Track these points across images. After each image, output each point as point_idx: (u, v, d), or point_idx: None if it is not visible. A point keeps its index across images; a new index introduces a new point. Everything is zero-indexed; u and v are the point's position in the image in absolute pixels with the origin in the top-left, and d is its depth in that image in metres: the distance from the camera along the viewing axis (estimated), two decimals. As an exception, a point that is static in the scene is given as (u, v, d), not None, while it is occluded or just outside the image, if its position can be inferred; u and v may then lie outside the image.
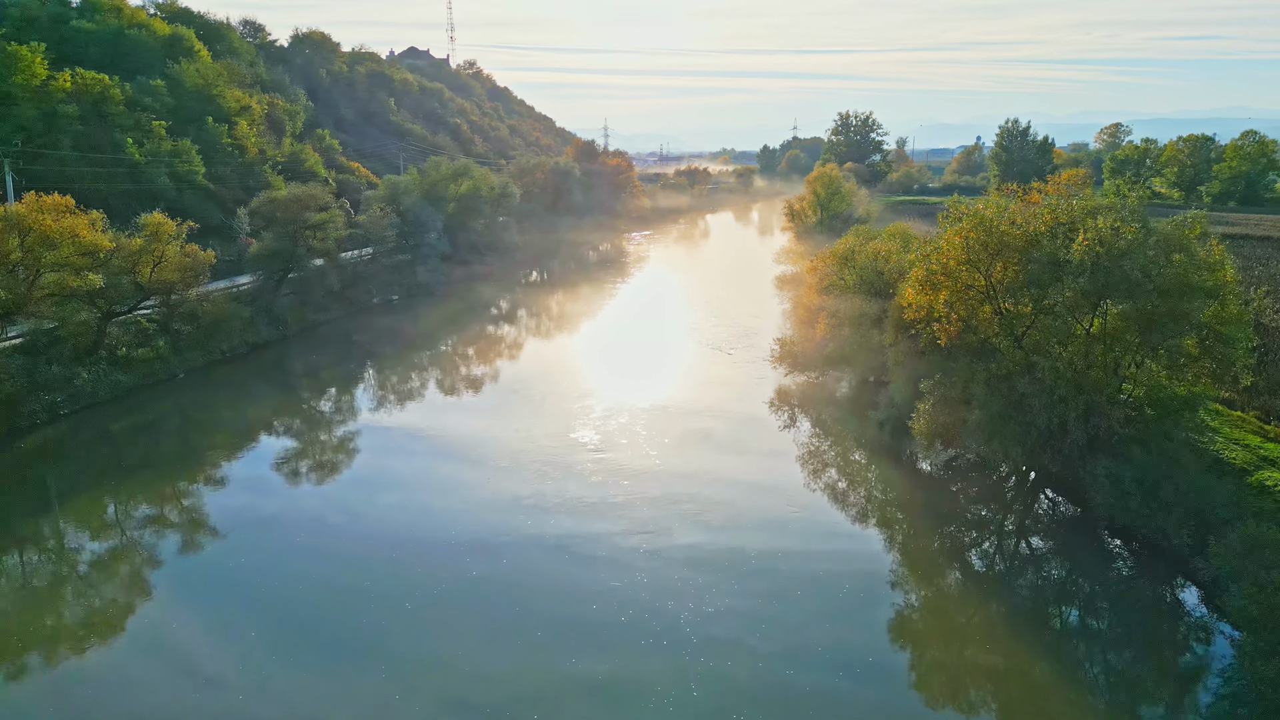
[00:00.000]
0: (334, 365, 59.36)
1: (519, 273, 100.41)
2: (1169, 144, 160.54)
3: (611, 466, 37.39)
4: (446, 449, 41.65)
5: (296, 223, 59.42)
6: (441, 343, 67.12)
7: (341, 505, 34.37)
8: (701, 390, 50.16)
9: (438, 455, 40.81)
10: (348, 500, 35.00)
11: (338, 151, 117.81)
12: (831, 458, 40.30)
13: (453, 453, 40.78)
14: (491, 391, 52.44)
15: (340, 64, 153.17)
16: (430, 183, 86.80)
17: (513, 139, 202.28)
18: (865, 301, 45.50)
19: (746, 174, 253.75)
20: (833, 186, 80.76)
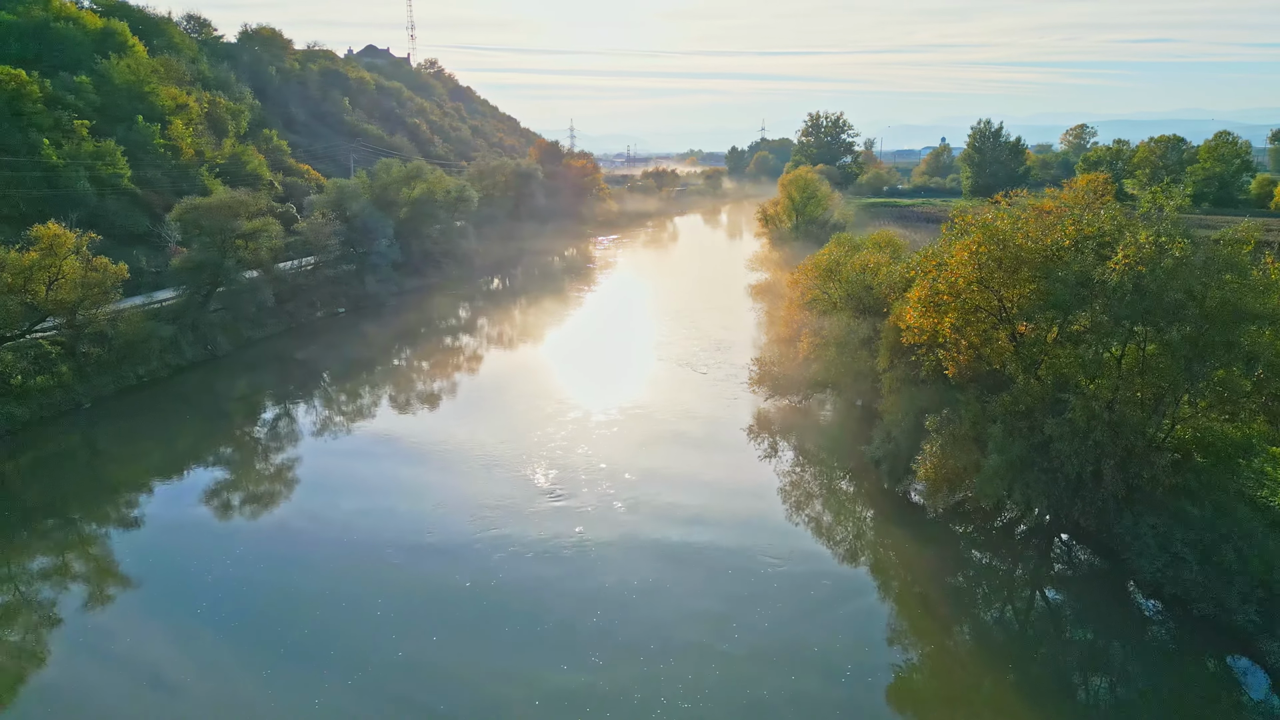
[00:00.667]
0: (269, 386, 53.89)
1: (477, 281, 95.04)
2: (1140, 145, 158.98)
3: (571, 517, 32.52)
4: (388, 493, 36.56)
5: (225, 231, 53.71)
6: (388, 361, 61.75)
7: (270, 547, 29.31)
8: (672, 417, 45.34)
9: (377, 498, 35.74)
10: (276, 541, 30.01)
11: (286, 153, 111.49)
12: (822, 508, 35.61)
13: (393, 503, 35.67)
14: (437, 421, 47.23)
15: (292, 61, 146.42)
16: (381, 186, 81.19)
17: (475, 140, 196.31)
18: (854, 320, 41.07)
19: (715, 175, 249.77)
20: (808, 190, 76.49)
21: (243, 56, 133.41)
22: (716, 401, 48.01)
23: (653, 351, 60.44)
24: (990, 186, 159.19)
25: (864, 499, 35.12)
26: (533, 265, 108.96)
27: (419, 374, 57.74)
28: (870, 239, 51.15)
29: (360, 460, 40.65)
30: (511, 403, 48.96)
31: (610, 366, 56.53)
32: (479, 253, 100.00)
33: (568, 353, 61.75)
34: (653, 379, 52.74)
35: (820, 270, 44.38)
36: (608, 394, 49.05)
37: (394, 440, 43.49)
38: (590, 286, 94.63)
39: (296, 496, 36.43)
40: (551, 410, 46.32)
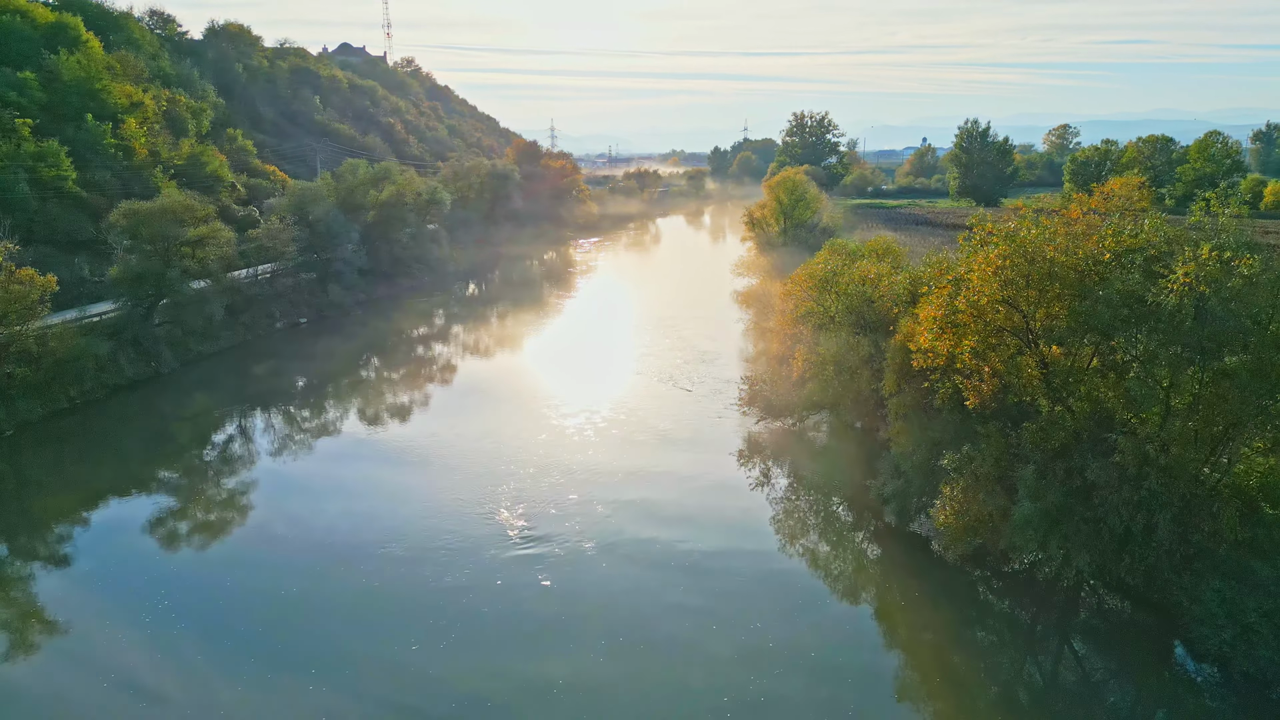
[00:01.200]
0: (217, 405, 49.62)
1: (451, 288, 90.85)
2: (1129, 145, 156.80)
3: (541, 563, 28.64)
4: (353, 516, 32.55)
5: (168, 239, 49.37)
6: (348, 377, 57.57)
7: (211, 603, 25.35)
8: (654, 439, 41.51)
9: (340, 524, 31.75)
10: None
11: (251, 153, 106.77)
12: (822, 550, 31.88)
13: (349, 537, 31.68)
14: (402, 443, 43.15)
15: (260, 59, 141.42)
16: (347, 189, 76.92)
17: (452, 140, 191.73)
18: (854, 337, 37.45)
19: (698, 176, 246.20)
20: (797, 193, 72.90)
21: (208, 53, 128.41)
22: (702, 421, 44.24)
23: (634, 364, 56.69)
24: (977, 187, 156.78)
25: (870, 538, 31.43)
26: (510, 270, 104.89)
27: (378, 394, 53.61)
28: (867, 246, 47.60)
29: (316, 491, 36.70)
30: (480, 424, 44.99)
31: (588, 382, 52.64)
32: (452, 258, 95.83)
33: (543, 366, 57.83)
34: (634, 396, 48.89)
35: (815, 281, 40.73)
36: (585, 413, 45.19)
37: (349, 466, 39.54)
38: (569, 292, 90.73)
39: (237, 532, 32.42)
40: (523, 434, 42.37)
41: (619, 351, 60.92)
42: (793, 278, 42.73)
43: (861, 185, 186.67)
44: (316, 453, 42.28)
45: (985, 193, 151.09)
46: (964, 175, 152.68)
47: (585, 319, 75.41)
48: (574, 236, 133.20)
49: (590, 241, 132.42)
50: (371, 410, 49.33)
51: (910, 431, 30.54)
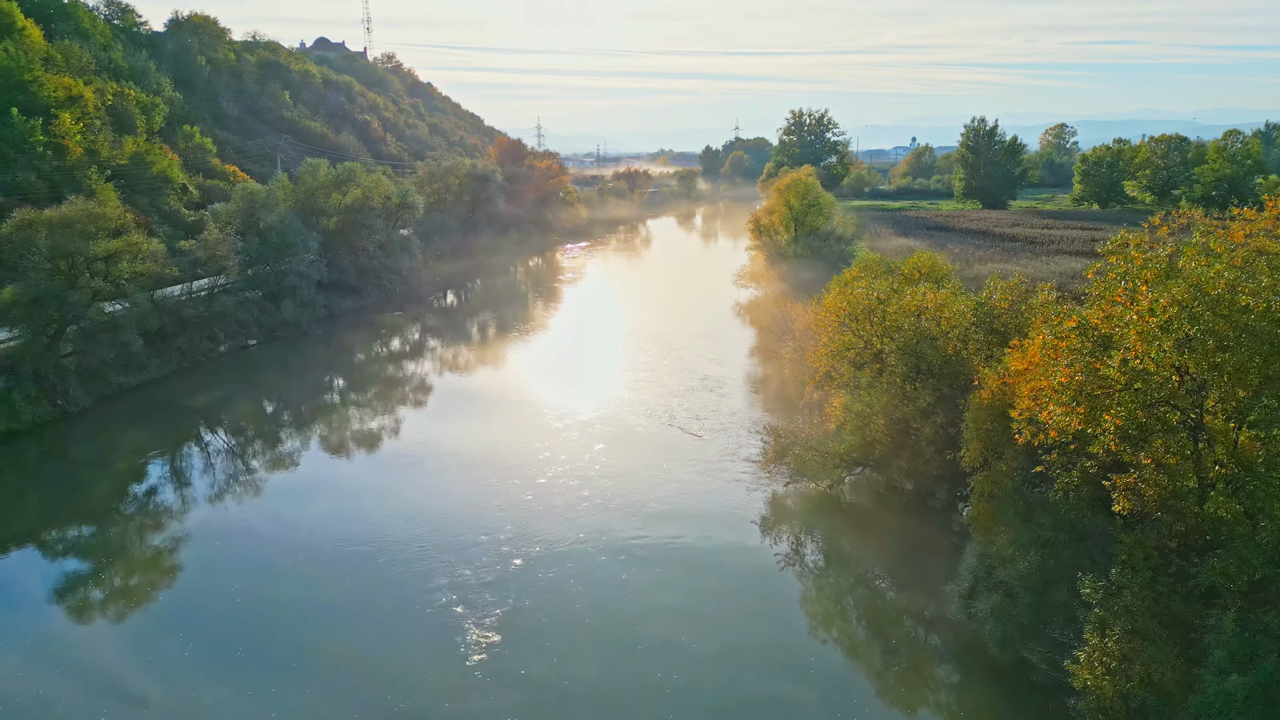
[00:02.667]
0: (130, 452, 41.47)
1: (426, 300, 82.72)
2: (1141, 144, 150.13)
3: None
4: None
5: (73, 255, 41.20)
6: (297, 407, 49.57)
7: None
8: (659, 524, 33.64)
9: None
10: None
11: (210, 152, 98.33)
12: (896, 685, 24.04)
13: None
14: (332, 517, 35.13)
15: (226, 51, 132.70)
16: (306, 192, 68.76)
17: (433, 139, 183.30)
18: (909, 384, 29.79)
19: (689, 176, 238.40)
20: (809, 197, 65.12)
21: (167, 45, 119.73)
22: (717, 483, 36.32)
23: (630, 395, 48.90)
24: (985, 188, 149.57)
25: (965, 674, 23.62)
26: (491, 280, 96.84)
27: (328, 434, 45.58)
28: (908, 264, 39.96)
29: (246, 559, 28.73)
30: (437, 497, 37.01)
31: (576, 424, 44.71)
32: (427, 267, 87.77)
33: (524, 401, 49.73)
34: (632, 445, 41.00)
35: (856, 310, 33.03)
36: (573, 477, 37.24)
37: (294, 522, 31.54)
38: (556, 305, 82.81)
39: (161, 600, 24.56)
40: (493, 507, 34.39)
41: (612, 379, 53.08)
42: (825, 305, 34.98)
43: (859, 186, 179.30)
44: (252, 506, 34.37)
45: (993, 194, 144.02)
46: (970, 176, 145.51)
47: (573, 337, 67.51)
48: (561, 241, 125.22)
49: (579, 247, 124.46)
50: (322, 452, 41.50)
51: (1006, 522, 22.87)
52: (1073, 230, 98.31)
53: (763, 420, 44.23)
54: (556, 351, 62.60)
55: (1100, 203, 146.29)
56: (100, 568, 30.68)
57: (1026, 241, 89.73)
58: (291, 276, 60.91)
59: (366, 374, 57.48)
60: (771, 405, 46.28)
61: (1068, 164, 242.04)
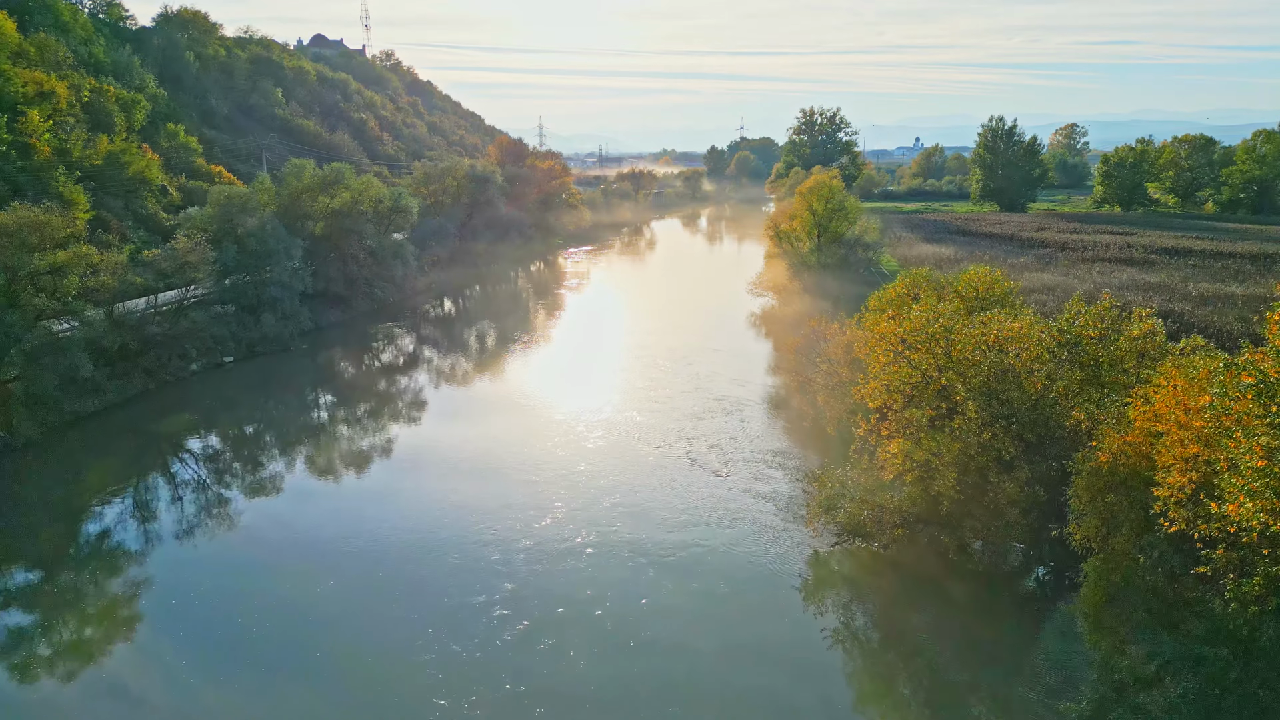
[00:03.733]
0: (88, 488, 36.55)
1: (421, 309, 77.74)
2: (1165, 145, 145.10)
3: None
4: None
5: (13, 269, 36.25)
6: (271, 434, 44.59)
7: None
8: (676, 569, 28.63)
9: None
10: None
11: (195, 152, 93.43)
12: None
13: None
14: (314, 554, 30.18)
15: (216, 47, 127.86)
16: (290, 195, 63.78)
17: (432, 138, 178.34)
18: (987, 432, 24.79)
19: (694, 177, 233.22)
20: (834, 201, 59.99)
21: (153, 40, 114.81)
22: (739, 530, 31.36)
23: (642, 419, 43.98)
24: (1003, 190, 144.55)
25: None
26: (490, 286, 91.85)
27: (307, 461, 40.63)
28: (962, 280, 34.96)
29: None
30: (416, 562, 32.07)
31: (578, 450, 39.72)
32: (423, 273, 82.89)
33: (524, 427, 44.67)
34: (637, 477, 36.02)
35: (913, 337, 28.03)
36: (568, 516, 32.27)
37: (268, 568, 26.72)
38: (558, 314, 77.82)
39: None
40: (475, 583, 29.43)
41: (622, 398, 48.15)
42: (876, 331, 29.94)
43: (868, 187, 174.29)
44: (224, 545, 29.42)
45: (1010, 196, 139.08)
46: (988, 177, 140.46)
47: (579, 350, 62.52)
48: (564, 245, 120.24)
49: (582, 250, 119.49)
50: (302, 481, 36.56)
51: (1138, 623, 17.90)
52: (1104, 235, 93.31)
53: (792, 455, 39.32)
54: (561, 366, 57.64)
55: (1122, 205, 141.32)
56: (47, 623, 25.96)
57: (1057, 247, 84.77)
58: (272, 287, 55.94)
59: (350, 395, 52.50)
60: (803, 436, 41.30)
61: (1079, 165, 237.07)
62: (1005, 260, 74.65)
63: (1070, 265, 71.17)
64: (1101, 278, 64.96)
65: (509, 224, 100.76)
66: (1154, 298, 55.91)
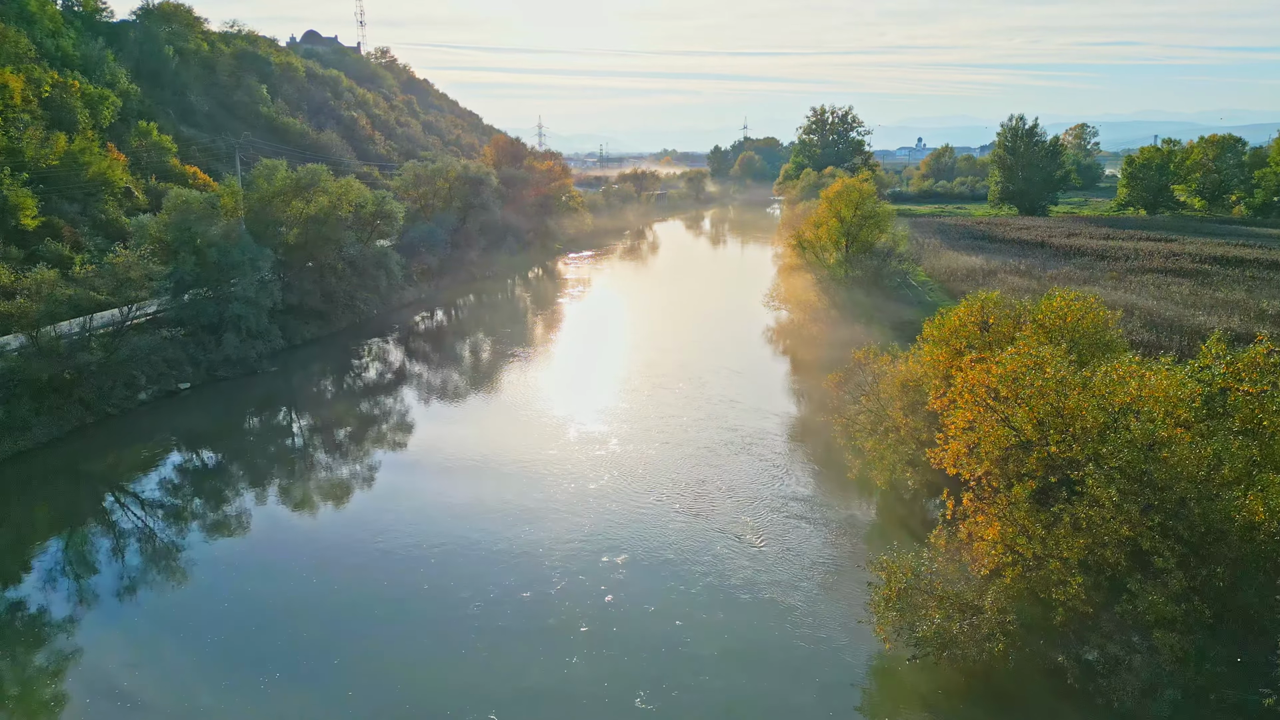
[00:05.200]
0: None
1: (405, 324, 71.49)
2: (1192, 145, 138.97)
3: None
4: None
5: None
6: (218, 477, 38.34)
7: None
8: (699, 692, 22.46)
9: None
10: None
11: (169, 152, 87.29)
12: None
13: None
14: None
15: (199, 41, 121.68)
16: (260, 199, 57.56)
17: (427, 137, 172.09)
18: (1133, 526, 18.66)
19: (698, 178, 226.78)
20: (864, 207, 53.67)
21: (129, 33, 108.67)
22: (780, 622, 25.14)
23: (652, 454, 37.87)
24: (1023, 192, 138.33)
25: None
26: (484, 296, 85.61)
27: (245, 507, 34.44)
28: (1042, 308, 28.82)
29: None
30: (391, 646, 25.90)
31: (576, 506, 33.53)
32: (412, 283, 76.74)
33: (512, 467, 38.39)
34: (644, 553, 29.82)
35: (1017, 391, 21.86)
36: (566, 612, 26.07)
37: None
38: (558, 328, 71.60)
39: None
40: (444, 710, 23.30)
41: (629, 431, 42.00)
42: (962, 381, 23.74)
43: (878, 189, 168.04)
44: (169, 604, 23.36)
45: (1031, 199, 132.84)
46: (1008, 178, 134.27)
47: (580, 369, 56.32)
48: (564, 250, 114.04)
49: (583, 256, 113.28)
50: (253, 529, 30.40)
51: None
52: (1141, 242, 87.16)
53: (834, 511, 33.15)
54: (562, 388, 51.40)
55: (1147, 208, 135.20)
56: None
57: (1095, 255, 78.64)
58: (236, 303, 49.72)
59: (320, 426, 46.30)
60: (844, 488, 35.10)
61: (1092, 166, 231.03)
62: (1042, 271, 68.57)
63: (1118, 277, 65.02)
64: (1160, 292, 58.83)
65: (505, 229, 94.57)
66: (1231, 315, 49.81)
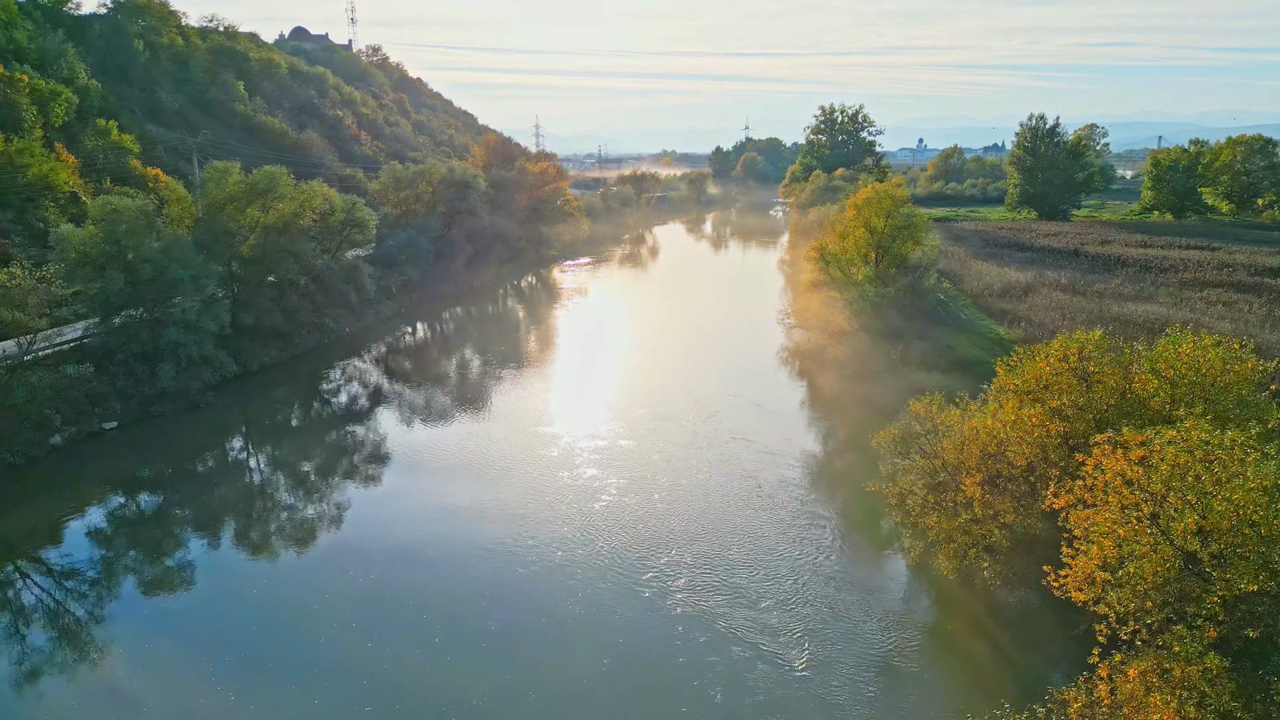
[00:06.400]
0: None
1: (384, 340, 64.61)
2: (1220, 146, 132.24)
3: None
4: None
5: None
6: (125, 537, 31.49)
7: None
8: None
9: None
10: None
11: (130, 153, 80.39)
12: None
13: None
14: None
15: (172, 35, 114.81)
16: (210, 208, 50.75)
17: (417, 137, 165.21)
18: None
19: (699, 180, 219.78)
20: (897, 216, 46.61)
21: (94, 26, 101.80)
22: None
23: (655, 516, 31.09)
24: (1043, 196, 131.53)
25: None
26: (472, 310, 78.74)
27: (160, 578, 27.65)
28: (1161, 352, 22.14)
29: None
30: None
31: (562, 592, 26.70)
32: (391, 297, 69.91)
33: (492, 527, 31.56)
34: (637, 664, 22.98)
35: (1180, 496, 15.19)
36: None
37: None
38: (551, 347, 64.75)
39: None
40: None
41: (631, 478, 35.23)
42: (1106, 477, 16.95)
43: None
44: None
45: (1052, 202, 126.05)
46: (1027, 181, 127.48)
47: (577, 395, 49.47)
48: (559, 257, 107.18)
49: (580, 263, 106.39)
50: (181, 600, 23.73)
51: None
52: (1183, 251, 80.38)
53: (889, 604, 26.31)
54: (555, 421, 44.44)
55: (1174, 211, 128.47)
56: None
57: (1139, 266, 71.72)
58: (172, 328, 42.86)
59: (265, 468, 39.52)
60: (895, 572, 28.33)
61: (1104, 167, 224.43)
62: (1086, 285, 61.75)
63: (1177, 292, 58.20)
64: (1229, 311, 52.02)
65: (495, 236, 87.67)
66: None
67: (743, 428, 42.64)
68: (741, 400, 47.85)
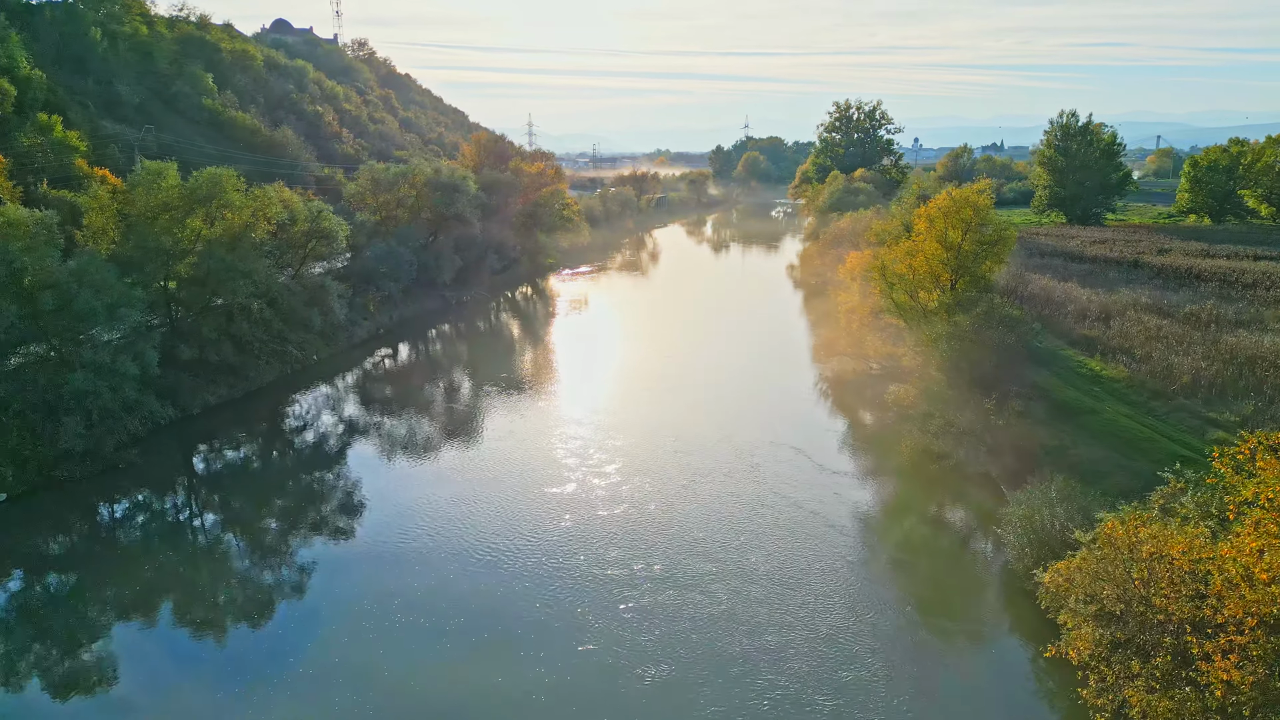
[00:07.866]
0: None
1: (354, 366, 55.72)
2: (1259, 145, 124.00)
3: None
4: None
5: None
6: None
7: None
8: None
9: None
10: None
11: (76, 151, 71.34)
12: None
13: None
14: None
15: (135, 24, 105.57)
16: (142, 215, 41.84)
17: (405, 135, 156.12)
18: None
19: (700, 180, 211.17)
20: (981, 230, 37.52)
21: (45, 12, 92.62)
22: None
23: (691, 624, 22.37)
24: (1075, 198, 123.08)
25: None
26: (459, 328, 69.90)
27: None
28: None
29: None
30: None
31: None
32: (368, 316, 61.05)
33: (480, 638, 22.97)
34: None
35: None
36: None
37: None
38: (549, 373, 55.96)
39: None
40: None
41: (651, 562, 26.55)
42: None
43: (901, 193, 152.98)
44: None
45: (1084, 205, 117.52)
46: (1058, 182, 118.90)
47: (583, 444, 40.49)
48: (557, 265, 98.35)
49: (580, 271, 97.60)
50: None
51: None
52: (1258, 262, 71.96)
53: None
54: (560, 480, 35.61)
55: (1213, 215, 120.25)
56: None
57: (1220, 280, 62.97)
58: (77, 374, 33.98)
59: (205, 542, 30.76)
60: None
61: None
62: (1173, 305, 53.12)
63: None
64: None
65: (487, 245, 78.83)
66: None
67: (796, 489, 34.12)
68: (776, 443, 39.36)
